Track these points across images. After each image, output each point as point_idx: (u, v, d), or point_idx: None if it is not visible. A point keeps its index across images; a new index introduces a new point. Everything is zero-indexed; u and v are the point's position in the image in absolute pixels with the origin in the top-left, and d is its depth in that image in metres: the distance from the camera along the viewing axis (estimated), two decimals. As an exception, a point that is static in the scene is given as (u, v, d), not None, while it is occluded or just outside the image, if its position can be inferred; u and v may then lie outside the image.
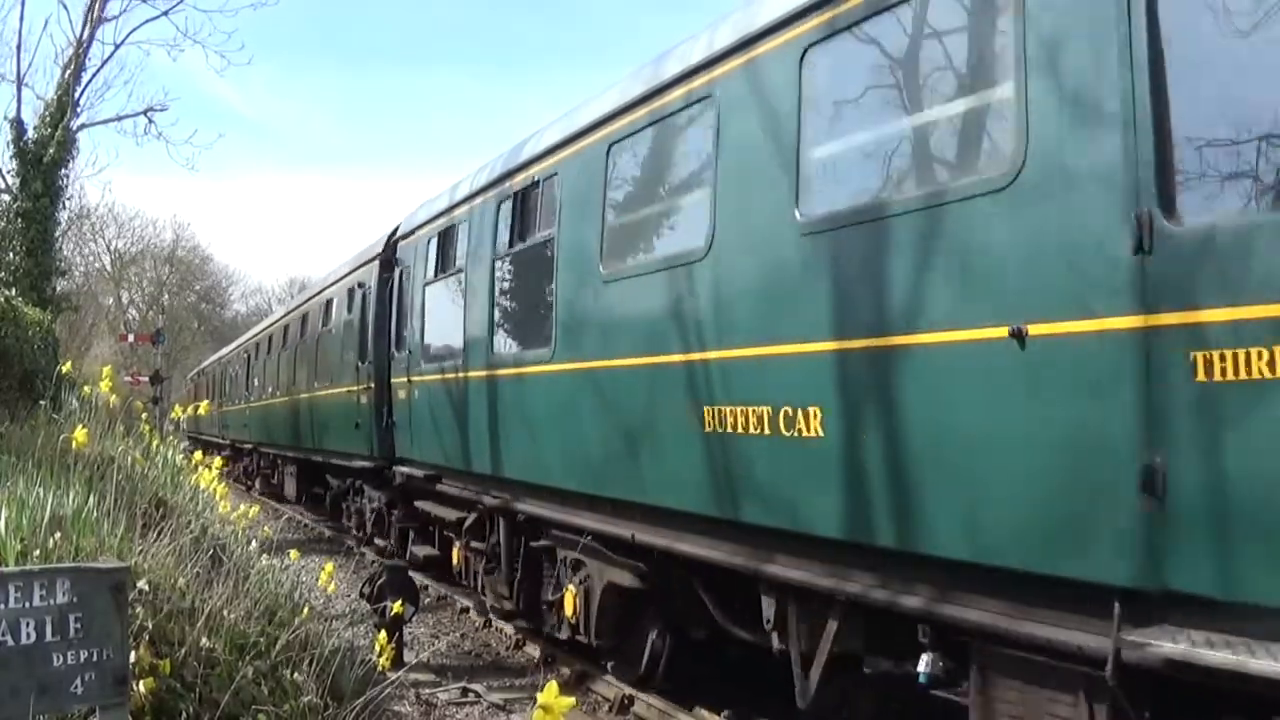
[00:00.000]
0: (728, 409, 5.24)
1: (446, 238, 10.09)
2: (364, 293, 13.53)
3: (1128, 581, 3.37)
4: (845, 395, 4.52)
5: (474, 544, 9.54)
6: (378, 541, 13.76)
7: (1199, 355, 3.15)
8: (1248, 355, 3.04)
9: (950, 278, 4.01)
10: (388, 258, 12.65)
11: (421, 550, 11.76)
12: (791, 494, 4.86)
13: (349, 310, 14.30)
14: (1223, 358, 3.10)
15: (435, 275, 10.39)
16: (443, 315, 10.09)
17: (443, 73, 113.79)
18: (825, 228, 4.70)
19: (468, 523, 9.58)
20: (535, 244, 7.80)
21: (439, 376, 9.84)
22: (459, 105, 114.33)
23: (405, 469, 11.33)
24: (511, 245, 8.28)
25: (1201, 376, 3.15)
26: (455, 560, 10.34)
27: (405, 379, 11.08)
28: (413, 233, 11.50)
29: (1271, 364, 2.98)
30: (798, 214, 4.84)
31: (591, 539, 6.96)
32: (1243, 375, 3.05)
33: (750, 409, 5.06)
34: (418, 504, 11.22)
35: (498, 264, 8.54)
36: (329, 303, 16.00)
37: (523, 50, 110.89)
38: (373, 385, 12.54)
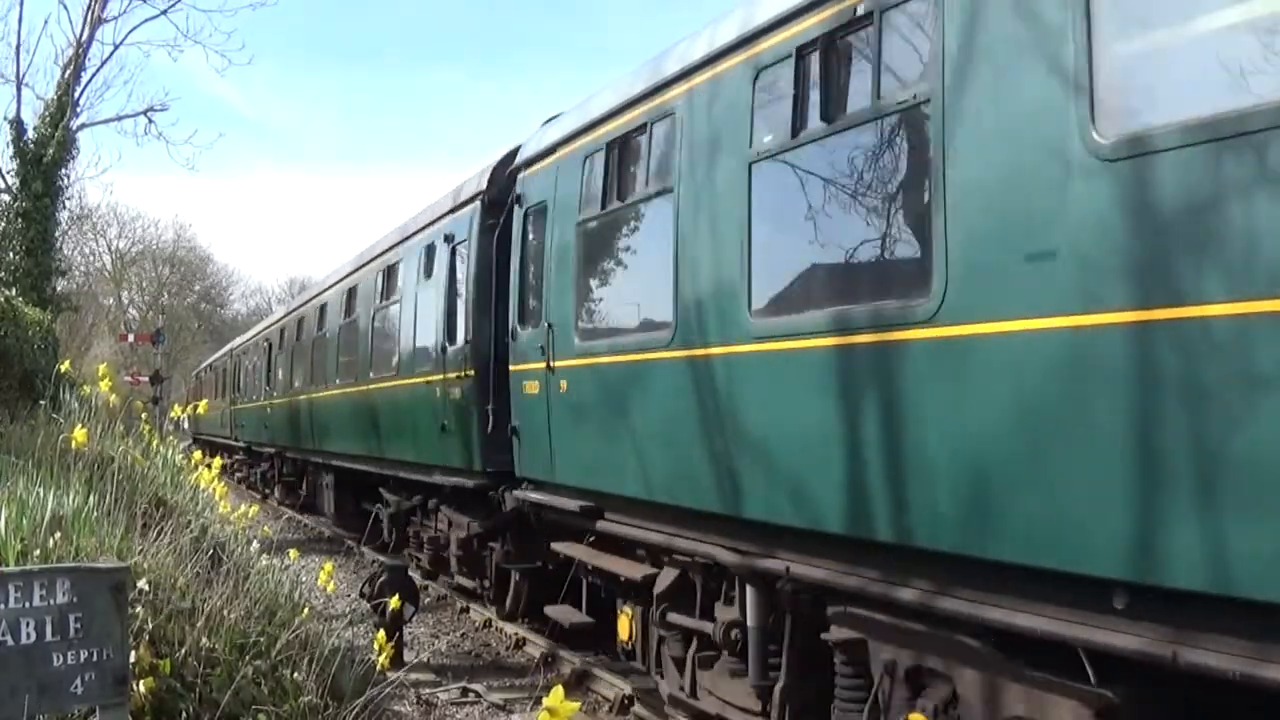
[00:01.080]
0: None
1: (626, 148, 6.89)
2: (453, 249, 10.05)
3: None
4: None
5: (676, 618, 6.38)
6: (462, 582, 10.70)
7: None
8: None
9: None
10: (497, 196, 9.16)
11: (563, 614, 8.03)
12: None
13: (425, 275, 10.88)
14: None
15: (603, 208, 7.09)
16: (622, 266, 7.18)
17: (443, 73, 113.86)
18: None
19: (665, 584, 6.43)
20: (862, 122, 4.72)
21: (615, 359, 6.74)
22: (459, 105, 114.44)
23: (536, 495, 8.00)
24: (796, 134, 5.12)
25: None
26: (626, 634, 7.17)
27: (542, 365, 7.78)
28: (550, 152, 8.05)
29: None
30: None
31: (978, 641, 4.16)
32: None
33: None
34: (556, 547, 8.00)
35: (759, 169, 5.41)
36: (390, 269, 12.43)
37: (523, 50, 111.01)
38: (472, 374, 9.27)
